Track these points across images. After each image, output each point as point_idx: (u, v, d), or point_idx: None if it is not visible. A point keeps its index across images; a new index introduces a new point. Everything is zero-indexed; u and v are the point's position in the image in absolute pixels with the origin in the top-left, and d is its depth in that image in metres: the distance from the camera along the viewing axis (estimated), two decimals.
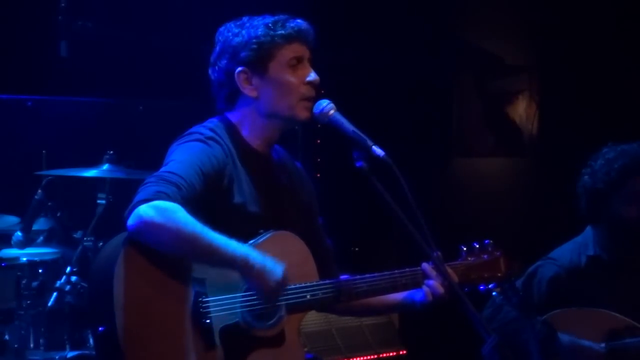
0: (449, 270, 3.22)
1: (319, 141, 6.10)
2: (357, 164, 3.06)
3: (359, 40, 6.28)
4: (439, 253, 3.16)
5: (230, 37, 3.17)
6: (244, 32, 3.15)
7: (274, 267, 2.96)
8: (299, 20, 3.19)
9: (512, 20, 6.89)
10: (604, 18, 6.53)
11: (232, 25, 3.21)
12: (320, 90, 3.20)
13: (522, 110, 6.97)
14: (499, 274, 3.41)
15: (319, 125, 3.18)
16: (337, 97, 3.19)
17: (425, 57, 6.59)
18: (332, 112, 3.14)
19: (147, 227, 2.85)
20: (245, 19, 3.20)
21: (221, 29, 3.23)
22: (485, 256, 3.40)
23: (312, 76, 3.17)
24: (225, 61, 3.17)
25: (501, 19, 6.87)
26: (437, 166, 6.79)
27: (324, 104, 3.16)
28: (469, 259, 3.38)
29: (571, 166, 4.47)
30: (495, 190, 6.92)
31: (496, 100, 7.00)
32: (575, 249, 4.33)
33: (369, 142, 3.06)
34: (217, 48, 3.22)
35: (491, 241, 3.43)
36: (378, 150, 3.05)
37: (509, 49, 6.96)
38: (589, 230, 4.35)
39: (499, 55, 6.92)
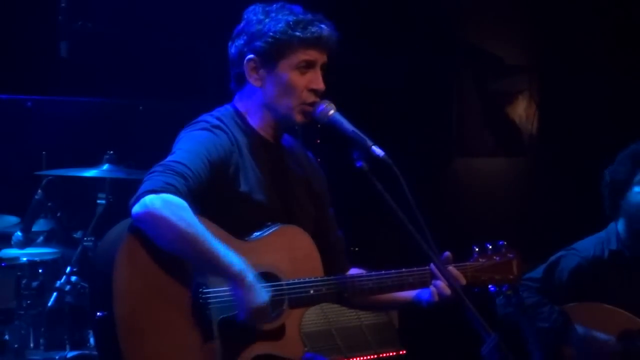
0: (455, 271, 3.22)
1: (319, 141, 6.10)
2: (357, 164, 3.06)
3: (359, 40, 6.27)
4: (449, 254, 3.16)
5: (254, 22, 3.16)
6: (267, 20, 3.13)
7: (262, 290, 2.95)
8: (322, 25, 3.16)
9: (512, 20, 6.89)
10: (604, 18, 6.53)
11: (260, 8, 3.19)
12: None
13: (522, 110, 6.97)
14: (511, 276, 3.37)
15: (319, 125, 3.18)
16: (337, 97, 3.19)
17: (425, 57, 6.59)
18: (332, 112, 3.14)
19: (152, 218, 2.85)
20: (275, 5, 3.17)
21: (250, 7, 3.21)
22: (498, 258, 3.36)
23: (317, 84, 3.16)
24: (242, 42, 3.17)
25: (501, 19, 6.86)
26: (437, 166, 6.78)
27: (324, 104, 3.15)
28: (480, 260, 3.35)
29: (571, 166, 4.48)
30: (495, 190, 6.92)
31: (496, 100, 6.99)
32: (599, 242, 4.36)
33: (369, 142, 3.06)
34: (240, 25, 3.20)
35: (505, 242, 3.40)
36: (378, 150, 3.05)
37: (509, 49, 6.96)
38: (612, 226, 4.37)
39: (499, 55, 6.91)
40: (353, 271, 3.36)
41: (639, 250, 4.27)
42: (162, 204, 2.85)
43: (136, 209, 2.87)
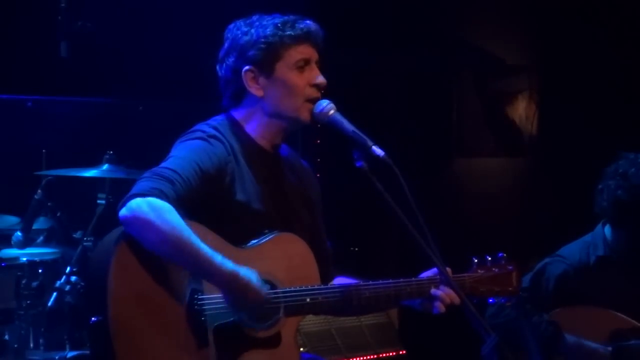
0: (452, 280, 3.19)
1: (319, 141, 6.10)
2: (357, 164, 3.06)
3: (359, 40, 6.28)
4: (449, 269, 3.14)
5: (239, 35, 3.17)
6: (252, 30, 3.15)
7: (260, 282, 2.96)
8: (308, 22, 3.18)
9: (512, 20, 6.89)
10: (604, 18, 6.53)
11: (242, 23, 3.20)
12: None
13: (522, 110, 6.98)
14: (510, 289, 3.36)
15: (319, 125, 3.18)
16: (337, 97, 3.19)
17: (425, 57, 6.59)
18: (332, 111, 3.15)
19: (137, 221, 2.86)
20: (255, 17, 3.20)
21: (230, 26, 3.23)
22: (497, 269, 3.34)
23: (319, 79, 3.17)
24: (233, 59, 3.17)
25: (501, 19, 6.87)
26: (437, 166, 6.79)
27: (324, 104, 3.16)
28: (479, 271, 3.33)
29: (571, 166, 4.47)
30: (495, 190, 6.92)
31: (496, 100, 7.00)
32: (585, 248, 4.32)
33: (369, 142, 3.07)
34: (226, 45, 3.21)
35: (504, 254, 3.38)
36: (378, 150, 3.05)
37: (509, 49, 6.96)
38: (599, 229, 4.33)
39: (499, 55, 6.92)
40: (338, 279, 3.35)
41: (634, 254, 4.24)
42: (148, 207, 2.86)
43: (123, 212, 2.89)
